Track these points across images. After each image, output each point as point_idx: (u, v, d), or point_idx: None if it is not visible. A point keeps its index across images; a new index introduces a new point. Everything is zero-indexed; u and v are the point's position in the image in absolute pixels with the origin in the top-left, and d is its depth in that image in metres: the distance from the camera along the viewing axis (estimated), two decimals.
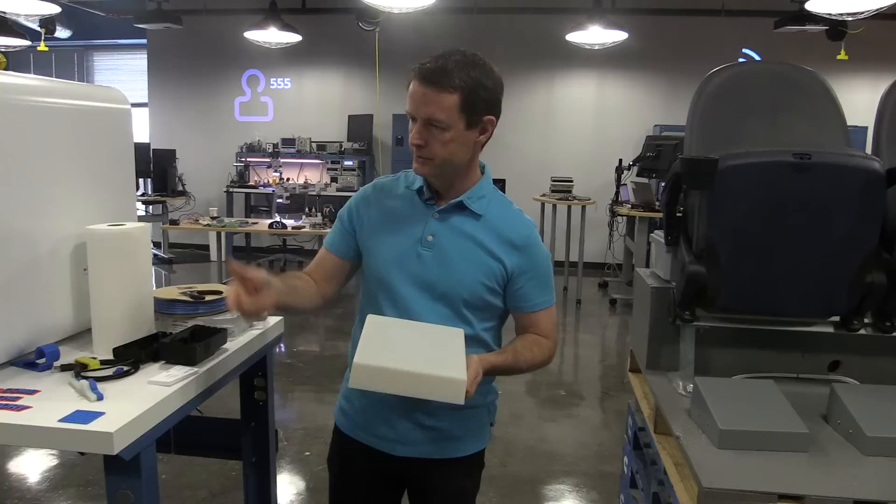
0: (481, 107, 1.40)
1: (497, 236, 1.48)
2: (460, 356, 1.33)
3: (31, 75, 1.72)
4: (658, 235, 1.88)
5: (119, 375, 1.46)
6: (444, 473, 1.57)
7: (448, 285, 1.46)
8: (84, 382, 1.37)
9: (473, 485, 1.64)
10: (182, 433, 1.82)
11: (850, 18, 4.85)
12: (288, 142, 8.40)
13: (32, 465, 3.20)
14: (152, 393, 1.39)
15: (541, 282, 1.52)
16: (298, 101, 8.79)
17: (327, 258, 1.58)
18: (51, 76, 2.09)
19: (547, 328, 1.54)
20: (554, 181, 7.07)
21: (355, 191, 1.84)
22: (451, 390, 1.26)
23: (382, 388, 1.29)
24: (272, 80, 8.78)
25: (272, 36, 6.70)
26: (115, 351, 1.55)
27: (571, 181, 7.06)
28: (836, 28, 6.50)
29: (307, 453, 3.38)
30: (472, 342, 1.47)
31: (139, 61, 9.12)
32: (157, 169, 7.88)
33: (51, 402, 1.33)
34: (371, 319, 1.43)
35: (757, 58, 7.43)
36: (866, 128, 2.16)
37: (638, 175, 6.57)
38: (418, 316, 1.45)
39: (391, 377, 1.27)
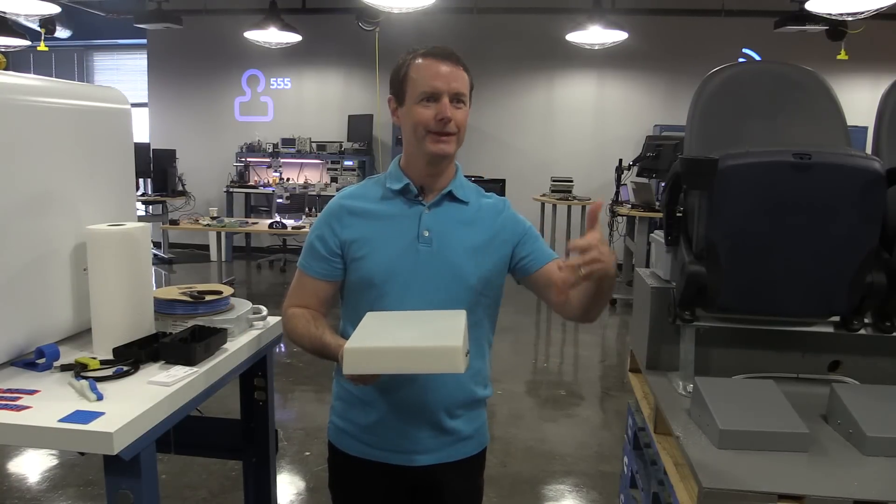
0: (472, 87, 1.49)
1: (488, 217, 1.52)
2: (458, 329, 1.27)
3: (31, 75, 1.72)
4: (658, 235, 1.88)
5: (119, 375, 1.46)
6: (460, 475, 1.57)
7: (454, 275, 1.45)
8: (84, 382, 1.37)
9: (482, 481, 1.66)
10: (182, 433, 1.81)
11: (850, 18, 4.86)
12: (288, 142, 8.40)
13: (32, 465, 3.20)
14: (152, 393, 1.39)
15: (539, 239, 1.58)
16: (298, 101, 8.79)
17: (320, 286, 1.52)
18: (51, 76, 2.08)
19: None
20: (554, 181, 7.07)
21: None
22: (448, 359, 1.21)
23: (377, 369, 1.25)
24: (272, 80, 8.78)
25: (272, 36, 6.70)
26: (115, 351, 1.55)
27: (571, 181, 7.06)
28: (836, 28, 6.50)
29: (307, 453, 3.38)
30: (476, 327, 1.48)
31: (139, 61, 9.12)
32: (157, 169, 7.88)
33: (51, 402, 1.33)
34: (370, 314, 1.40)
35: (757, 58, 7.44)
36: (866, 128, 2.16)
37: (638, 175, 6.56)
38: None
39: (384, 356, 1.22)
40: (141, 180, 7.82)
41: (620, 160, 6.72)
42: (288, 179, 8.25)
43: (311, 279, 1.52)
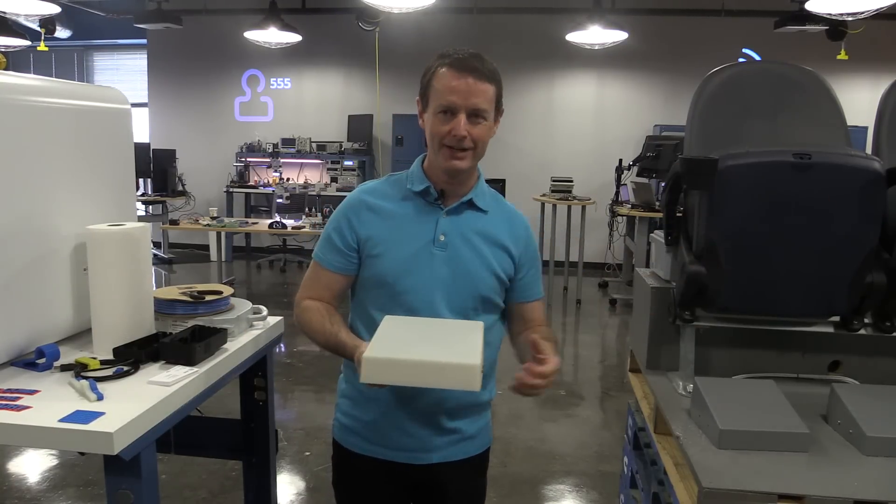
0: (501, 99, 1.45)
1: (504, 230, 1.51)
2: (476, 344, 1.29)
3: (31, 75, 1.72)
4: (658, 235, 1.88)
5: (119, 375, 1.46)
6: (463, 474, 1.57)
7: (465, 283, 1.46)
8: (84, 382, 1.37)
9: (485, 480, 1.66)
10: (182, 433, 1.81)
11: (850, 18, 4.86)
12: (288, 142, 8.40)
13: (32, 465, 3.20)
14: (152, 393, 1.39)
15: (537, 273, 1.59)
16: (298, 101, 8.79)
17: (335, 279, 1.51)
18: (51, 76, 2.08)
19: (543, 318, 1.60)
20: (554, 181, 7.07)
21: None
22: (465, 377, 1.22)
23: (395, 380, 1.25)
24: (272, 80, 8.78)
25: (272, 36, 6.70)
26: (115, 351, 1.55)
27: (571, 181, 7.06)
28: (836, 28, 6.50)
29: (307, 453, 3.38)
30: (485, 332, 1.46)
31: (139, 61, 9.12)
32: (157, 169, 7.87)
33: (51, 402, 1.33)
34: (388, 318, 1.39)
35: (757, 58, 7.43)
36: (866, 128, 2.16)
37: (638, 175, 6.56)
38: (433, 317, 1.44)
39: (402, 368, 1.23)
40: (141, 180, 7.82)
41: (620, 160, 6.72)
42: (288, 179, 8.25)
43: (327, 272, 1.51)
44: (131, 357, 1.53)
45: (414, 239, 1.46)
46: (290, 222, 6.63)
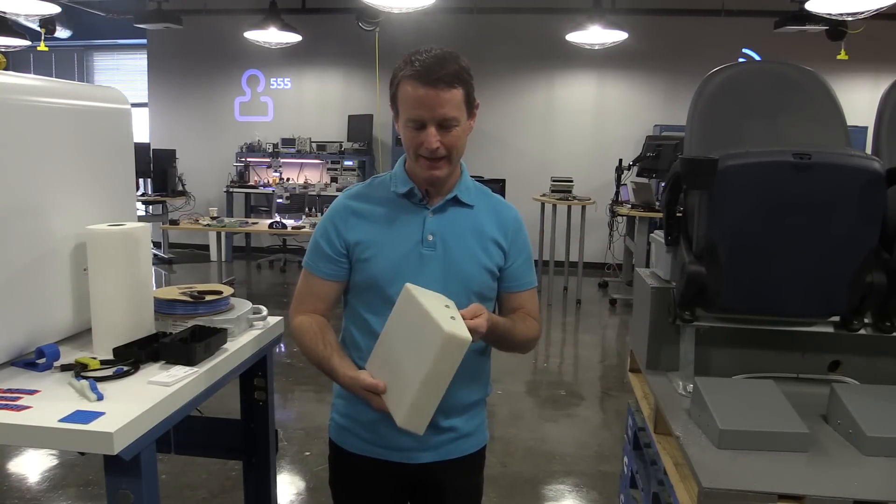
0: (474, 95, 1.43)
1: (492, 222, 1.52)
2: (428, 318, 1.26)
3: (31, 75, 1.72)
4: (658, 235, 1.88)
5: (119, 375, 1.46)
6: (460, 472, 1.57)
7: (457, 281, 1.46)
8: (84, 382, 1.37)
9: (482, 478, 1.66)
10: (182, 433, 1.82)
11: (850, 18, 4.86)
12: (288, 142, 8.39)
13: (32, 465, 3.20)
14: (152, 393, 1.39)
15: (527, 261, 1.57)
16: (298, 101, 8.79)
17: (328, 287, 1.51)
18: (51, 76, 2.09)
19: (534, 308, 1.59)
20: (554, 181, 7.07)
21: None
22: (454, 347, 1.23)
23: (433, 405, 1.28)
24: (272, 80, 8.78)
25: (272, 36, 6.70)
26: (115, 351, 1.55)
27: (571, 181, 7.05)
28: (836, 28, 6.50)
29: (307, 453, 3.38)
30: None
31: (139, 61, 9.12)
32: (157, 169, 7.87)
33: (51, 402, 1.33)
34: (368, 370, 1.39)
35: (757, 58, 7.43)
36: (866, 128, 2.16)
37: (638, 175, 6.56)
38: None
39: (424, 395, 1.26)
40: (141, 180, 7.82)
41: (620, 160, 6.72)
42: (288, 179, 8.25)
43: (319, 280, 1.51)
44: (131, 357, 1.53)
45: (402, 241, 1.46)
46: (290, 222, 6.62)
